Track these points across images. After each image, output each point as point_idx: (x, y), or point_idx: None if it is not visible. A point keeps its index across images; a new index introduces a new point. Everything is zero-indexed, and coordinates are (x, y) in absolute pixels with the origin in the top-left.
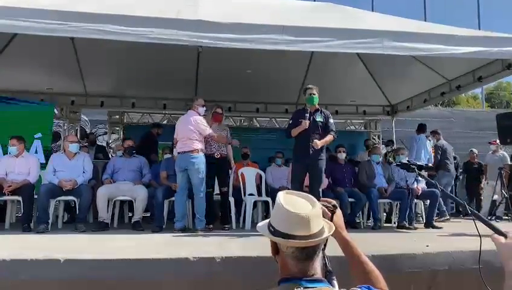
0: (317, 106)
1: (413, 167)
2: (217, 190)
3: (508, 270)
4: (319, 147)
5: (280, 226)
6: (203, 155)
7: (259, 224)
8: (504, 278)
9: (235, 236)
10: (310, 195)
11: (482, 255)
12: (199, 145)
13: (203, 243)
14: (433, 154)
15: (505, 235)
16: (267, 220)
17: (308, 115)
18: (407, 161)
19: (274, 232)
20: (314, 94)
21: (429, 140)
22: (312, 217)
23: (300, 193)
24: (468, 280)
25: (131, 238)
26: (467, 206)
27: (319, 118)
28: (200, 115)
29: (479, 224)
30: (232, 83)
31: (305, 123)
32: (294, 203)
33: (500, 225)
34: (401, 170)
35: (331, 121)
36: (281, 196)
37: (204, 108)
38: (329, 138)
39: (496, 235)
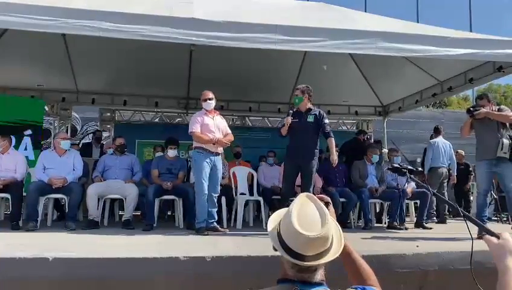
0: (309, 106)
1: (405, 170)
2: None
3: (500, 269)
4: (337, 160)
5: (286, 238)
6: (197, 152)
7: (270, 228)
8: (498, 277)
9: (226, 235)
10: (324, 207)
11: (474, 256)
12: (196, 143)
13: (193, 242)
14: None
15: (497, 237)
16: (278, 223)
17: (291, 112)
18: (399, 164)
19: (281, 242)
20: (296, 95)
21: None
22: (319, 238)
23: (317, 200)
24: (458, 280)
25: (122, 237)
26: (459, 209)
27: (309, 119)
28: (205, 109)
29: (465, 224)
30: (224, 82)
31: (287, 120)
32: (306, 218)
33: (490, 226)
34: None
35: (326, 121)
36: (296, 205)
37: (211, 102)
38: (332, 143)
39: (488, 237)
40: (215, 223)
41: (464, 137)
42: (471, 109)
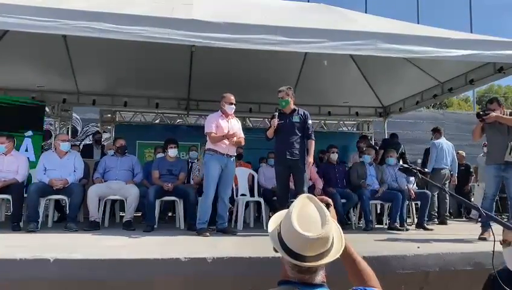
0: (292, 107)
1: (415, 171)
2: None
3: None
4: (313, 161)
5: (287, 239)
6: (208, 154)
7: (270, 229)
8: None
9: (227, 236)
10: (324, 208)
11: (475, 257)
12: (208, 145)
13: (194, 243)
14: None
15: None
16: (278, 224)
17: (277, 114)
18: (409, 165)
19: (281, 243)
20: (280, 98)
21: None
22: (319, 239)
23: (318, 201)
24: (459, 281)
25: (122, 238)
26: (482, 210)
27: (295, 119)
28: (226, 112)
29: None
30: (225, 83)
31: (273, 122)
32: (306, 219)
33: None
34: (392, 171)
35: (310, 122)
36: (296, 206)
37: (233, 106)
38: (312, 146)
39: None
40: (225, 224)
41: (475, 141)
42: (481, 113)
